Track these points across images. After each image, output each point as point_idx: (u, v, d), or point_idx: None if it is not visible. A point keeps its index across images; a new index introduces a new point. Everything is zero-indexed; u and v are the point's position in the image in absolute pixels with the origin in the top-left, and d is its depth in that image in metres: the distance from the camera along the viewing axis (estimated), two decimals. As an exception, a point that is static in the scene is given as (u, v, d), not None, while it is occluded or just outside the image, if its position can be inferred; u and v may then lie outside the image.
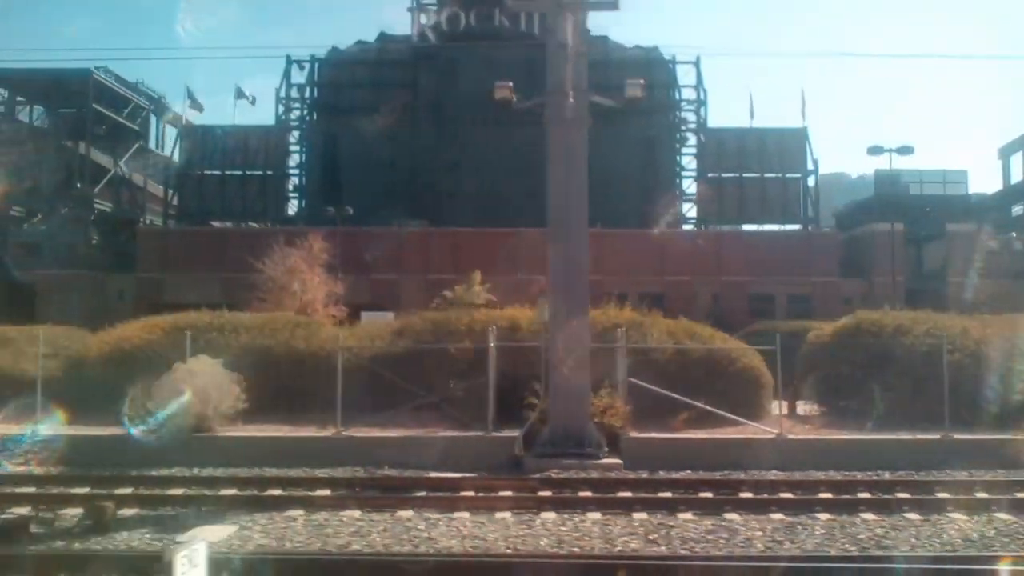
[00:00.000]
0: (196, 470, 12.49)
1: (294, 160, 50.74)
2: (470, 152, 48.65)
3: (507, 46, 48.75)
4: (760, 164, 50.38)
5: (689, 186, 51.43)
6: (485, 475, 11.99)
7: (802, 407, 17.27)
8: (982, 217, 49.13)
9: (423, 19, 48.59)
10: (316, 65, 50.62)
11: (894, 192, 46.52)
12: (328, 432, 13.98)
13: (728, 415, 14.53)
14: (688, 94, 51.01)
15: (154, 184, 52.86)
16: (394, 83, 49.94)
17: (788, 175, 50.65)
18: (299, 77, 50.36)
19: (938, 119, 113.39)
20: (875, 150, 35.50)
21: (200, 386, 13.26)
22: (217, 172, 49.56)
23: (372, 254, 41.26)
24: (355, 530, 9.18)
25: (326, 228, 35.54)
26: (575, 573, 7.71)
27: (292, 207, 51.06)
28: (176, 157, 48.65)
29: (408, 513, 9.98)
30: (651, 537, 8.84)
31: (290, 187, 50.62)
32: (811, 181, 50.31)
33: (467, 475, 11.91)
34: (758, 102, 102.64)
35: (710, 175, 50.40)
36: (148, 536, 8.89)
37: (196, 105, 49.32)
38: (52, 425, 13.96)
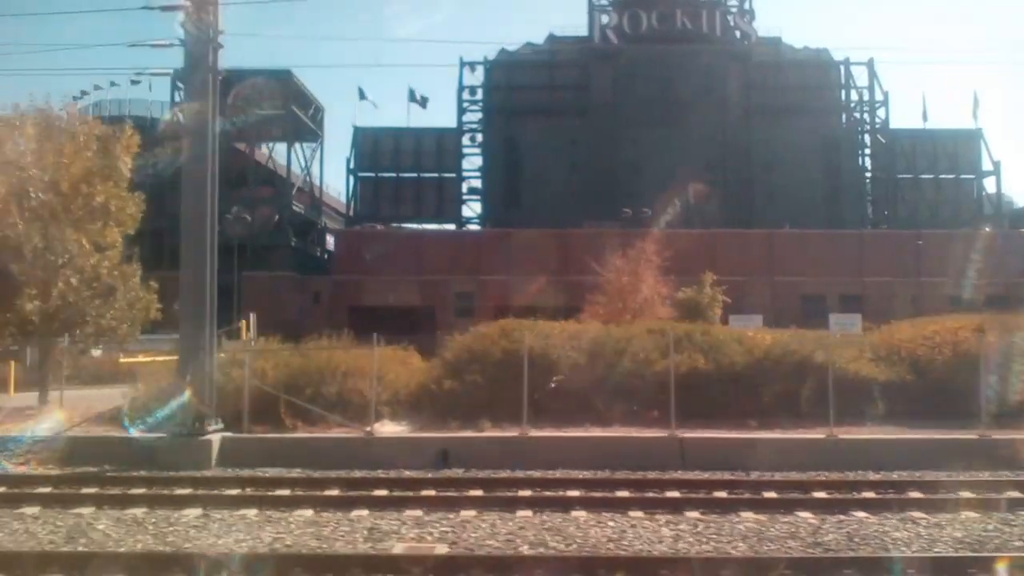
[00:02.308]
0: None
1: (468, 163, 50.65)
2: (647, 153, 48.37)
3: (682, 48, 48.59)
4: (934, 165, 50.22)
5: (867, 187, 51.22)
6: None
7: None
8: None
9: (604, 19, 48.44)
10: (488, 67, 50.55)
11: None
12: None
13: None
14: (862, 95, 50.78)
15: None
16: (567, 84, 49.82)
17: (962, 176, 50.52)
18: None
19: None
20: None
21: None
22: (392, 175, 49.47)
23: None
24: None
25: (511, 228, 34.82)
26: None
27: (467, 209, 50.96)
28: (352, 159, 48.49)
29: None
30: None
31: (465, 189, 50.45)
32: (991, 182, 50.05)
33: None
34: (936, 104, 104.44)
35: (884, 176, 50.17)
36: None
37: (368, 101, 49.21)
38: None
